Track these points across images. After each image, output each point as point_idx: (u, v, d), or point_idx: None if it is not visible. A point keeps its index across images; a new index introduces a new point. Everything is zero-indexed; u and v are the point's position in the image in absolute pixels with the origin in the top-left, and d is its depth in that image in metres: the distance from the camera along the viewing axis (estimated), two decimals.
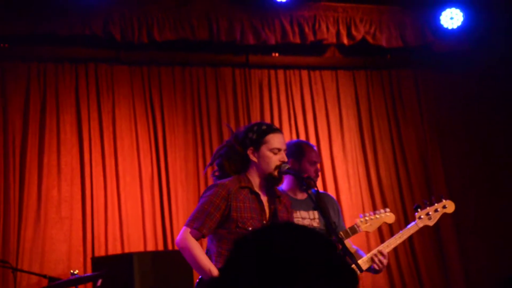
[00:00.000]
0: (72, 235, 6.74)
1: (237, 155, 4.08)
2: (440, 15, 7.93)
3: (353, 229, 4.68)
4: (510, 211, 8.10)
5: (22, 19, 6.71)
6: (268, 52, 7.83)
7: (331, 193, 7.13)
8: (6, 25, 6.68)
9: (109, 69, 7.25)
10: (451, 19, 7.92)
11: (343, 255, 4.08)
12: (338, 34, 7.75)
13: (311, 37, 7.65)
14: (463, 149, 8.30)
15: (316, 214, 4.73)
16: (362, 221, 4.71)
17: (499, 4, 8.12)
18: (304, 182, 4.43)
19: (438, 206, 4.88)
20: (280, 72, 7.91)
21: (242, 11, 7.42)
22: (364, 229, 4.74)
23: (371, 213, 4.79)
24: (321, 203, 4.66)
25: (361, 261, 4.57)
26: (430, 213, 4.85)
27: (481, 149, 8.31)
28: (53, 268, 6.53)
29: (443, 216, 7.57)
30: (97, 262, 6.29)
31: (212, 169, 4.22)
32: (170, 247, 6.99)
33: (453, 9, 7.91)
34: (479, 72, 8.36)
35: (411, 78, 8.38)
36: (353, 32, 7.78)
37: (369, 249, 4.71)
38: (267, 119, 7.66)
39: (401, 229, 4.95)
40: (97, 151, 7.00)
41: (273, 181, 4.12)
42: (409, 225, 4.85)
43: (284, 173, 4.12)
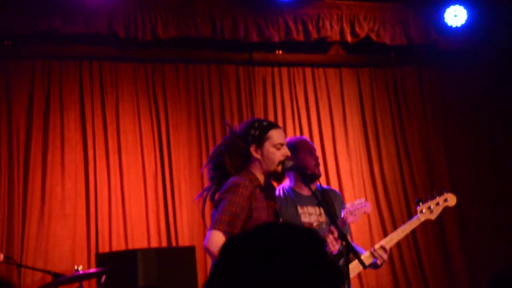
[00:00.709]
0: (76, 232, 6.76)
1: (239, 152, 4.07)
2: (444, 12, 7.92)
3: (343, 221, 4.66)
4: None
5: (26, 17, 6.72)
6: (271, 49, 7.83)
7: None
8: (10, 22, 6.69)
9: (113, 66, 7.26)
10: (455, 16, 7.90)
11: (347, 252, 4.08)
12: (341, 32, 7.75)
13: (314, 35, 7.64)
14: (467, 146, 8.30)
15: (322, 209, 4.73)
16: (347, 212, 4.68)
17: (503, 1, 8.11)
18: (307, 179, 4.44)
19: (440, 199, 4.88)
20: (284, 70, 7.92)
21: (246, 8, 7.42)
22: (350, 221, 4.68)
23: (351, 203, 4.71)
24: (326, 199, 4.67)
25: (363, 257, 4.58)
26: (431, 207, 4.85)
27: (485, 146, 8.30)
28: (57, 264, 6.55)
29: (447, 212, 7.62)
30: (101, 258, 6.30)
31: (207, 169, 4.17)
32: (173, 244, 7.00)
33: (457, 6, 7.89)
34: (483, 70, 8.35)
35: (414, 76, 8.38)
36: (357, 29, 7.78)
37: (372, 244, 4.71)
38: (271, 116, 7.67)
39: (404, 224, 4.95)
40: (101, 148, 7.02)
41: (276, 177, 4.12)
42: (411, 219, 4.85)
43: (288, 169, 4.12)
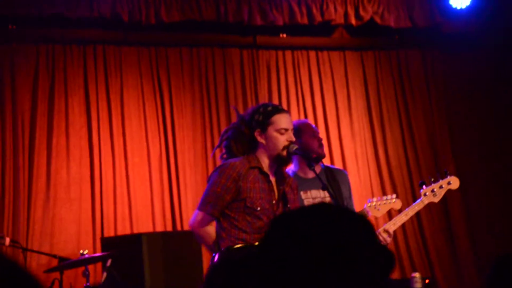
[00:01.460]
0: (81, 216, 6.78)
1: (244, 137, 4.10)
2: None
3: (363, 214, 4.69)
4: None
5: (30, 1, 6.72)
6: (275, 33, 7.80)
7: None
8: (15, 6, 6.69)
9: (117, 51, 7.26)
10: None
11: None
12: (346, 15, 7.73)
13: (319, 18, 7.62)
14: (471, 129, 8.28)
15: (327, 192, 4.75)
16: (371, 206, 4.72)
17: None
18: (312, 162, 4.44)
19: (443, 182, 4.88)
20: (288, 53, 7.89)
21: None
22: (372, 213, 4.76)
23: (379, 198, 4.80)
24: (331, 180, 4.69)
25: None
26: (435, 190, 4.85)
27: (490, 129, 8.29)
28: (63, 248, 6.57)
29: (452, 196, 7.64)
30: (107, 242, 6.32)
31: (220, 151, 4.22)
32: (178, 228, 7.02)
33: None
34: (488, 52, 8.32)
35: (419, 59, 8.35)
36: (361, 12, 7.76)
37: (377, 227, 4.73)
38: (275, 100, 7.66)
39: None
40: (105, 132, 7.03)
41: (282, 162, 4.13)
42: (415, 203, 4.86)
43: (293, 153, 4.13)
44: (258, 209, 3.94)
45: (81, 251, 5.69)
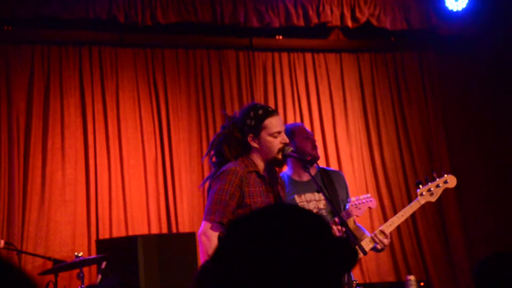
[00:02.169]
0: (76, 218, 6.77)
1: (237, 141, 4.08)
2: None
3: (347, 213, 4.69)
4: None
5: (26, 2, 6.71)
6: (272, 35, 7.80)
7: None
8: (10, 7, 6.68)
9: (113, 52, 7.25)
10: (456, 1, 7.86)
11: (347, 237, 4.09)
12: (342, 17, 7.73)
13: (315, 20, 7.62)
14: (468, 132, 8.29)
15: (322, 195, 4.73)
16: (352, 205, 4.70)
17: None
18: (307, 164, 4.43)
19: (440, 181, 4.86)
20: (284, 55, 7.89)
21: None
22: (354, 213, 4.73)
23: (356, 197, 4.76)
24: (327, 182, 4.69)
25: (363, 242, 4.57)
26: (431, 189, 4.83)
27: (486, 132, 8.29)
28: (58, 250, 6.56)
29: (447, 198, 7.64)
30: (102, 244, 6.31)
31: (209, 157, 4.18)
32: (174, 230, 7.01)
33: None
34: (484, 55, 8.32)
35: (415, 61, 8.35)
36: (357, 14, 7.76)
37: (372, 229, 4.71)
38: (271, 102, 7.65)
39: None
40: (101, 134, 7.02)
41: (277, 164, 4.15)
42: (411, 203, 4.84)
43: (288, 155, 4.13)
44: None
45: (76, 253, 5.69)
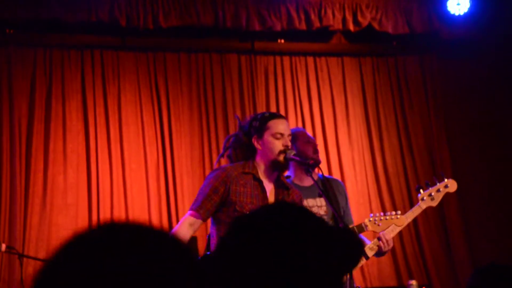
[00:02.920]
0: (78, 222, 6.75)
1: (243, 145, 4.15)
2: (446, 1, 7.87)
3: (360, 228, 4.64)
4: None
5: (27, 5, 6.71)
6: (274, 38, 7.79)
7: None
8: (12, 10, 6.68)
9: (115, 56, 7.25)
10: (458, 5, 7.85)
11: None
12: (344, 21, 7.72)
13: (317, 24, 7.62)
14: (470, 136, 8.27)
15: (323, 201, 4.72)
16: (371, 220, 4.65)
17: None
18: (309, 168, 4.43)
19: (440, 186, 4.85)
20: (286, 59, 7.89)
21: None
22: (371, 229, 4.67)
23: (381, 213, 4.73)
24: (328, 188, 4.67)
25: (366, 248, 4.56)
26: (432, 194, 4.82)
27: (488, 136, 8.27)
28: None
29: (449, 202, 7.63)
30: None
31: (225, 161, 4.30)
32: None
33: None
34: (486, 59, 8.31)
35: (417, 65, 8.34)
36: (359, 18, 7.75)
37: (374, 235, 4.69)
38: (273, 105, 7.65)
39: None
40: (102, 138, 7.01)
41: (279, 167, 4.12)
42: (413, 208, 4.83)
43: (291, 159, 4.12)
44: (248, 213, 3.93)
45: None
